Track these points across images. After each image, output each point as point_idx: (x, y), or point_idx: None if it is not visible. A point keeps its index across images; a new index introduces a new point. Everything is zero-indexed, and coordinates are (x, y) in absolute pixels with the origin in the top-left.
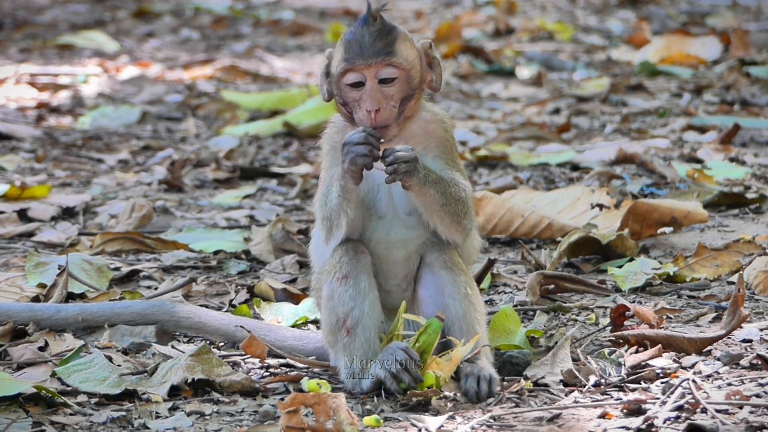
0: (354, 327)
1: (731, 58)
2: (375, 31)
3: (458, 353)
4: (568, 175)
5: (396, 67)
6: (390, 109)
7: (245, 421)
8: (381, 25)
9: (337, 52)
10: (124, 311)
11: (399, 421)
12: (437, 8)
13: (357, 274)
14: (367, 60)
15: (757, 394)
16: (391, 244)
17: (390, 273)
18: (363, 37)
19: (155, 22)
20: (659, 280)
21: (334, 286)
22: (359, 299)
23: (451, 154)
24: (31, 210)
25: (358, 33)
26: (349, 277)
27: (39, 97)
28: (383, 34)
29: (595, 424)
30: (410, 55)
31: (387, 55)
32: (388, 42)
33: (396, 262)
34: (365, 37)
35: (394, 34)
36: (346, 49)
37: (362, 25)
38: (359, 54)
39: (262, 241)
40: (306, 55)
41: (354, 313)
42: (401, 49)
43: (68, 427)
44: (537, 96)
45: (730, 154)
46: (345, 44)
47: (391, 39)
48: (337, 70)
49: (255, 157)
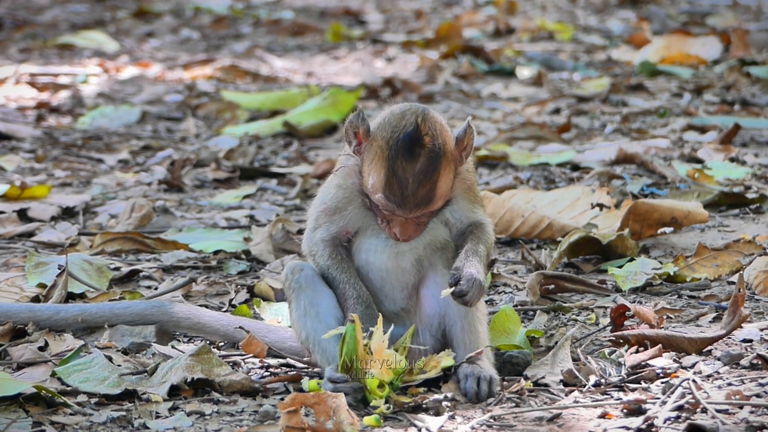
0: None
1: (731, 58)
2: (420, 174)
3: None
4: (568, 175)
5: (435, 211)
6: (420, 229)
7: (245, 421)
8: (426, 163)
9: (375, 166)
10: (124, 312)
11: (399, 421)
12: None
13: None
14: (407, 213)
15: (757, 394)
16: (400, 254)
17: (396, 282)
18: (406, 183)
19: (155, 22)
20: (659, 280)
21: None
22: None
23: (473, 190)
24: (31, 210)
25: (401, 170)
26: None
27: (39, 97)
28: (427, 177)
29: (595, 424)
30: (448, 184)
31: (427, 205)
32: (431, 187)
33: (404, 270)
34: (408, 182)
35: (438, 172)
36: (386, 185)
37: (408, 155)
38: (400, 204)
39: (262, 241)
40: (306, 55)
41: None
42: (441, 187)
43: (68, 427)
44: (537, 96)
45: (731, 154)
46: (387, 175)
47: (434, 180)
48: (371, 192)
49: (255, 157)
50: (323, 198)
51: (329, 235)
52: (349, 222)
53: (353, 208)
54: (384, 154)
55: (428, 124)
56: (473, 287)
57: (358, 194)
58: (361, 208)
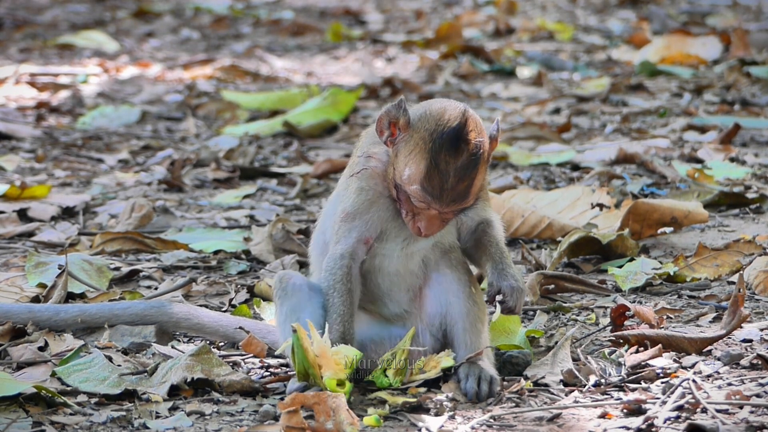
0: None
1: (731, 58)
2: (461, 169)
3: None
4: (568, 175)
5: (468, 207)
6: (443, 227)
7: (245, 421)
8: (468, 159)
9: (415, 157)
10: (124, 312)
11: (399, 421)
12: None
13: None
14: (443, 207)
15: (757, 394)
16: (409, 256)
17: (403, 284)
18: (447, 176)
19: (155, 22)
20: (659, 280)
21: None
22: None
23: (485, 188)
24: (31, 210)
25: (443, 163)
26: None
27: (39, 97)
28: (468, 173)
29: (595, 424)
30: (483, 182)
31: (463, 200)
32: (469, 183)
33: (412, 273)
34: (449, 176)
35: (477, 169)
36: (426, 177)
37: (453, 150)
38: (437, 197)
39: (262, 241)
40: (306, 55)
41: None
42: (477, 185)
43: (68, 427)
44: (537, 96)
45: (731, 154)
46: (428, 167)
47: (473, 177)
48: (406, 184)
49: (255, 157)
50: (343, 205)
51: (349, 248)
52: (370, 227)
53: (375, 210)
54: (426, 146)
55: (472, 121)
56: (516, 297)
57: (380, 196)
58: (383, 211)
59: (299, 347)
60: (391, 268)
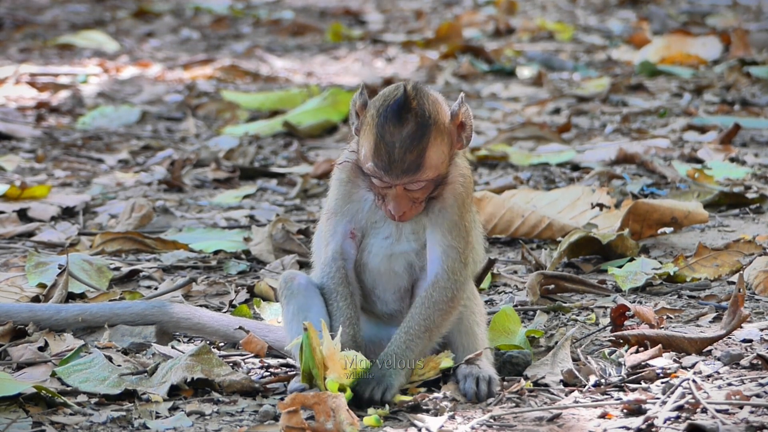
0: None
1: (731, 58)
2: (407, 138)
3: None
4: (568, 175)
5: (424, 180)
6: (416, 208)
7: (245, 421)
8: (414, 128)
9: (367, 135)
10: (124, 312)
11: (399, 421)
12: (437, 8)
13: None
14: (395, 179)
15: (757, 394)
16: (393, 257)
17: (388, 284)
18: (393, 147)
19: (155, 22)
20: (659, 280)
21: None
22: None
23: (465, 205)
24: (31, 210)
25: (388, 134)
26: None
27: (39, 97)
28: (415, 143)
29: (595, 424)
30: (440, 157)
31: (416, 171)
32: (419, 153)
33: (396, 274)
34: (395, 147)
35: (427, 139)
36: (374, 151)
37: (396, 120)
38: (387, 169)
39: (262, 241)
40: (306, 55)
41: None
42: (431, 157)
43: (68, 427)
44: (537, 96)
45: (731, 154)
46: (375, 141)
47: (423, 147)
48: (363, 163)
49: (255, 157)
50: (327, 203)
51: (337, 247)
52: (351, 218)
53: (356, 201)
54: (374, 122)
55: (419, 92)
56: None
57: (359, 187)
58: (362, 202)
59: (308, 347)
60: (372, 265)
